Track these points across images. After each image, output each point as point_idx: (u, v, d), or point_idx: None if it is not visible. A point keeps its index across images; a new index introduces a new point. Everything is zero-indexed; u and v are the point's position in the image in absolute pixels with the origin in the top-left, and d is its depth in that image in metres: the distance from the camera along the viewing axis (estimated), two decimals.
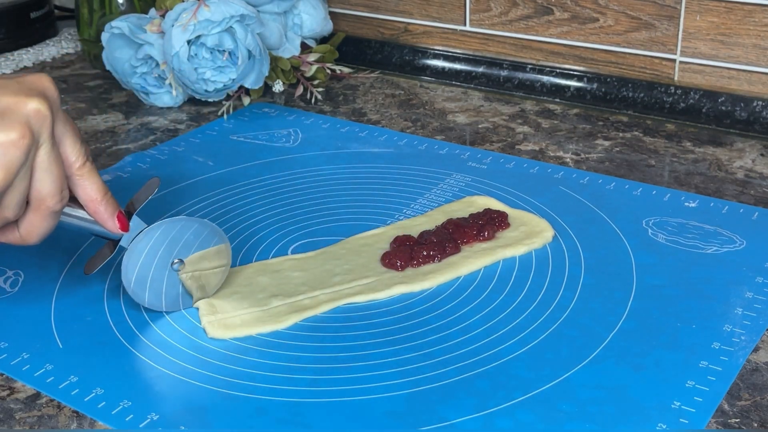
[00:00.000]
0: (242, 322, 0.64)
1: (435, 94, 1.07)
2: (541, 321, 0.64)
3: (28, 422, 0.56)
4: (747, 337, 0.61)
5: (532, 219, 0.76)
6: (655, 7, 0.97)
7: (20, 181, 0.57)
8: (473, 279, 0.69)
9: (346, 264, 0.71)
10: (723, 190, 0.82)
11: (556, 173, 0.86)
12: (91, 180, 0.61)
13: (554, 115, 1.00)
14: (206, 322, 0.64)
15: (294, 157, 0.91)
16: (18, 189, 0.57)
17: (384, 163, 0.89)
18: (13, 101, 0.56)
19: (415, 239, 0.73)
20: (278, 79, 1.06)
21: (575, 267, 0.70)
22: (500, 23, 1.07)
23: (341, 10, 1.18)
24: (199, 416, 0.56)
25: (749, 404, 0.56)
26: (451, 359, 0.60)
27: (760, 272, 0.69)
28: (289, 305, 0.66)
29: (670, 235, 0.74)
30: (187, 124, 1.00)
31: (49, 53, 1.23)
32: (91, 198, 0.61)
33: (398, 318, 0.65)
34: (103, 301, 0.68)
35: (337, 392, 0.58)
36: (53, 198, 0.59)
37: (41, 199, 0.58)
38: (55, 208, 0.59)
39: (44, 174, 0.58)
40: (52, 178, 0.58)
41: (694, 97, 0.96)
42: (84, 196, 0.61)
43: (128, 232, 0.63)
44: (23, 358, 0.62)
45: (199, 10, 0.94)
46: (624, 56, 1.01)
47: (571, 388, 0.57)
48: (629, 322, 0.63)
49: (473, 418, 0.55)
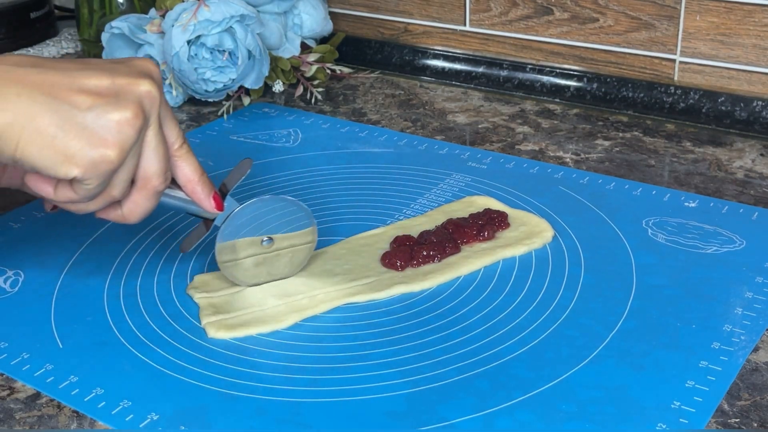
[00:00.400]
0: (242, 322, 0.64)
1: (435, 94, 1.07)
2: (541, 321, 0.64)
3: (28, 422, 0.56)
4: (747, 337, 0.61)
5: (532, 219, 0.76)
6: (655, 7, 0.97)
7: (130, 159, 0.58)
8: (473, 279, 0.69)
9: (346, 264, 0.71)
10: (723, 190, 0.82)
11: (556, 173, 0.86)
12: (189, 161, 0.63)
13: (554, 115, 1.00)
14: (206, 322, 0.64)
15: (294, 157, 0.91)
16: (127, 168, 0.59)
17: (384, 163, 0.89)
18: (126, 82, 0.58)
19: (415, 239, 0.73)
20: (278, 79, 1.06)
21: (575, 267, 0.70)
22: (500, 23, 1.07)
23: (341, 10, 1.18)
24: (199, 416, 0.56)
25: (749, 404, 0.56)
26: (451, 359, 0.60)
27: (760, 272, 0.69)
28: (289, 305, 0.66)
29: (670, 235, 0.74)
30: (187, 124, 1.00)
31: (49, 53, 1.23)
32: (189, 178, 0.63)
33: (398, 318, 0.65)
34: (103, 301, 0.68)
35: (337, 392, 0.58)
36: (159, 178, 0.61)
37: (147, 178, 0.60)
38: (159, 188, 0.61)
39: (152, 153, 0.60)
40: (159, 158, 0.60)
41: (694, 97, 0.96)
42: (182, 177, 0.63)
43: (223, 211, 0.65)
44: (23, 358, 0.62)
45: (199, 10, 0.94)
46: (624, 56, 1.01)
47: (571, 388, 0.57)
48: (629, 322, 0.63)
49: (473, 418, 0.55)
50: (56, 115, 0.56)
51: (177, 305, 0.67)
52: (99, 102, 0.57)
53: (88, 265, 0.72)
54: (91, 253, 0.74)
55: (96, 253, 0.74)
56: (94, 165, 0.57)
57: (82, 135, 0.56)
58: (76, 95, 0.56)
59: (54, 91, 0.56)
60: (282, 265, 0.68)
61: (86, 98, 0.56)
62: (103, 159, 0.57)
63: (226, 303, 0.66)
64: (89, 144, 0.56)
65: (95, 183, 0.58)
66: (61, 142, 0.56)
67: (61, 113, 0.56)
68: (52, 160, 0.56)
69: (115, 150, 0.57)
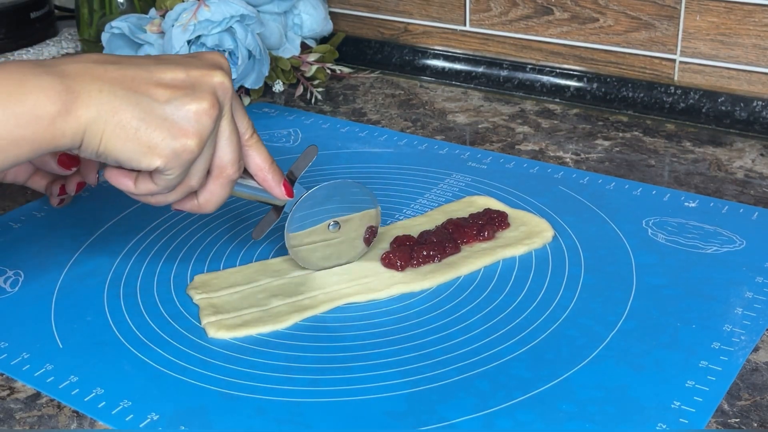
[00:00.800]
0: (243, 322, 0.64)
1: (435, 94, 1.07)
2: (541, 321, 0.64)
3: (28, 422, 0.56)
4: (747, 337, 0.61)
5: (532, 219, 0.76)
6: (655, 7, 0.97)
7: (207, 149, 0.60)
8: (473, 279, 0.69)
9: (346, 264, 0.71)
10: (723, 190, 0.82)
11: (556, 173, 0.86)
12: (259, 150, 0.65)
13: (554, 115, 1.00)
14: (206, 322, 0.64)
15: (294, 157, 0.91)
16: (205, 157, 0.60)
17: (384, 163, 0.89)
18: (200, 74, 0.60)
19: (415, 239, 0.73)
20: (278, 79, 1.06)
21: (575, 267, 0.70)
22: (500, 23, 1.07)
23: (341, 10, 1.18)
24: (199, 416, 0.56)
25: (749, 404, 0.56)
26: (451, 359, 0.60)
27: (760, 272, 0.69)
28: (289, 305, 0.66)
29: (670, 235, 0.74)
30: None
31: (49, 53, 1.23)
32: (260, 167, 0.65)
33: (398, 318, 0.65)
34: (103, 301, 0.68)
35: (337, 392, 0.58)
36: (233, 166, 0.62)
37: (222, 167, 0.62)
38: (234, 177, 0.63)
39: (226, 143, 0.61)
40: (233, 147, 0.62)
41: (694, 97, 0.96)
42: (253, 165, 0.65)
43: (292, 198, 0.67)
44: (23, 358, 0.62)
45: (199, 10, 0.94)
46: (624, 56, 1.01)
47: (571, 388, 0.57)
48: (629, 322, 0.63)
49: (473, 418, 0.55)
50: (137, 108, 0.57)
51: (177, 305, 0.67)
52: (177, 94, 0.58)
53: (88, 265, 0.72)
54: (91, 253, 0.74)
55: (96, 253, 0.74)
56: (176, 155, 0.58)
57: (163, 126, 0.58)
58: (154, 88, 0.58)
59: (134, 86, 0.58)
60: (348, 249, 0.70)
61: (164, 91, 0.58)
62: (185, 148, 0.58)
63: (226, 303, 0.67)
64: (170, 135, 0.58)
65: (176, 173, 0.59)
66: (144, 134, 0.57)
67: (142, 106, 0.57)
68: (136, 152, 0.58)
69: (194, 139, 0.58)
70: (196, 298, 0.67)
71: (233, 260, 0.72)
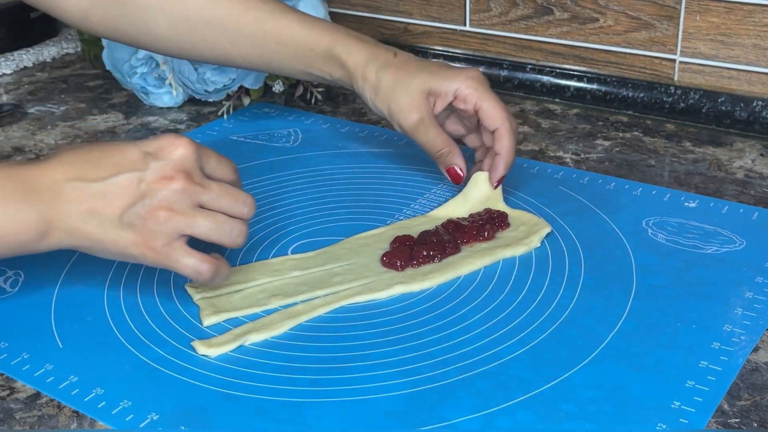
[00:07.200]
0: (241, 332, 0.63)
1: None
2: (541, 321, 0.64)
3: (28, 422, 0.56)
4: (747, 337, 0.61)
5: (531, 219, 0.76)
6: (655, 7, 0.97)
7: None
8: (473, 279, 0.69)
9: (346, 264, 0.71)
10: (723, 190, 0.82)
11: (556, 173, 0.86)
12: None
13: (554, 115, 1.00)
14: (207, 323, 0.64)
15: (294, 157, 0.91)
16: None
17: (384, 163, 0.89)
18: (156, 179, 0.61)
19: (415, 239, 0.72)
20: (278, 79, 1.06)
21: (575, 267, 0.70)
22: (500, 23, 1.07)
23: (341, 10, 1.18)
24: (199, 416, 0.56)
25: (749, 404, 0.56)
26: (451, 359, 0.60)
27: (760, 272, 0.69)
28: (284, 313, 0.65)
29: (670, 235, 0.74)
30: (187, 124, 1.00)
31: (49, 53, 1.23)
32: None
33: (398, 318, 0.65)
34: (103, 301, 0.68)
35: (337, 392, 0.58)
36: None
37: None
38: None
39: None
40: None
41: (694, 97, 0.96)
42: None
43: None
44: (23, 358, 0.62)
45: None
46: (624, 56, 1.01)
47: (571, 388, 0.57)
48: (629, 322, 0.63)
49: (473, 418, 0.55)
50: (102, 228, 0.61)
51: (177, 305, 0.67)
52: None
53: (88, 265, 0.72)
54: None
55: None
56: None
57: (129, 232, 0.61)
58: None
59: (103, 207, 0.60)
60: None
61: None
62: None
63: (226, 303, 0.66)
64: (136, 243, 0.61)
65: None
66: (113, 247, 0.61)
67: (105, 226, 0.61)
68: (115, 256, 0.62)
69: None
70: (196, 297, 0.67)
71: (233, 260, 0.72)
